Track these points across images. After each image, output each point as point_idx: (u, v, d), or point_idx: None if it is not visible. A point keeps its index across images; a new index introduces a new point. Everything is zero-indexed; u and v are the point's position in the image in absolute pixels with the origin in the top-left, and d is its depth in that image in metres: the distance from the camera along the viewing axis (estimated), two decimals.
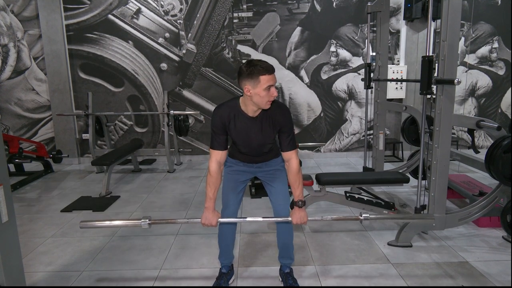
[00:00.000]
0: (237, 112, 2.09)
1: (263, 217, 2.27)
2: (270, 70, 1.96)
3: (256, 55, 5.81)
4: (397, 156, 6.03)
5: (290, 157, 2.15)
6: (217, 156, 2.13)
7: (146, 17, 5.69)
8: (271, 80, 1.96)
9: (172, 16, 5.70)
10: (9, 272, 1.93)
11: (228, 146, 2.34)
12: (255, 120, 2.10)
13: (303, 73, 5.89)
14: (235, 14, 5.73)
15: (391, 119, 5.98)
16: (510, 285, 2.40)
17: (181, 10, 5.69)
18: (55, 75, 5.71)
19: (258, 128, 2.11)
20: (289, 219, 2.16)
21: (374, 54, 4.29)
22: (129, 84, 5.89)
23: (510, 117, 5.99)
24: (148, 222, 2.13)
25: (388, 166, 4.97)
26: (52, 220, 3.65)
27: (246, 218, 2.28)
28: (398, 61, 5.77)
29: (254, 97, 1.98)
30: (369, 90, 4.21)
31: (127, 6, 5.64)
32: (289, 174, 2.19)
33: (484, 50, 5.85)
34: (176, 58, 5.82)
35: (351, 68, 5.87)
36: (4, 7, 5.62)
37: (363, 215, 2.18)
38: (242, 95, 2.09)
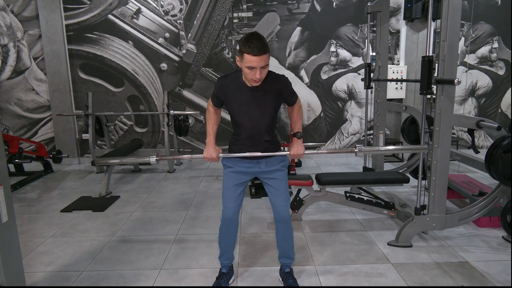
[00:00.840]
0: (239, 83, 2.14)
1: (261, 153, 2.21)
2: (256, 51, 1.89)
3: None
4: (397, 156, 6.03)
5: (296, 105, 2.33)
6: (213, 106, 2.30)
7: (146, 17, 5.69)
8: (254, 62, 1.92)
9: (172, 16, 5.70)
10: (9, 272, 1.93)
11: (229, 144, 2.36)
12: (255, 89, 2.12)
13: (303, 73, 5.89)
14: (235, 14, 5.73)
15: (391, 119, 5.99)
16: (510, 285, 2.40)
17: (181, 10, 5.69)
18: (55, 75, 5.71)
19: (258, 97, 2.14)
20: (287, 152, 2.26)
21: (374, 54, 4.28)
22: (129, 84, 5.89)
23: (510, 117, 5.99)
24: (155, 158, 2.27)
25: (388, 166, 4.97)
26: (52, 220, 3.65)
27: (246, 153, 2.22)
28: (398, 61, 5.77)
29: (242, 70, 2.04)
30: (369, 90, 4.20)
31: (127, 6, 5.64)
32: (293, 113, 2.34)
33: (484, 50, 5.85)
34: (176, 58, 5.82)
35: (351, 68, 5.87)
36: (4, 7, 5.62)
37: (357, 146, 2.27)
38: None
